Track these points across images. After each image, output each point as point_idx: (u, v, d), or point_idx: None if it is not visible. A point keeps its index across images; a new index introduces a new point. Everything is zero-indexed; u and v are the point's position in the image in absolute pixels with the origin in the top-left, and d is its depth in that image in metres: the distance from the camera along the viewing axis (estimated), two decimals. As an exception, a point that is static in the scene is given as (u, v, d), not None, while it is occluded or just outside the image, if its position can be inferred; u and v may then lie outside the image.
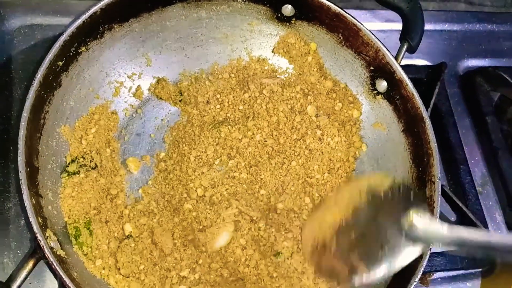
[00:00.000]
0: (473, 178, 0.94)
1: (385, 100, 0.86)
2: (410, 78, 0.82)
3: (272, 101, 0.85)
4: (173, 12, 0.84)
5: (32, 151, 0.70)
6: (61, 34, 0.73)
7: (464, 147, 0.97)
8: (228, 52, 0.90)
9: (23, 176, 0.65)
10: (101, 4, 0.75)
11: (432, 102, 0.92)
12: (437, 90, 0.94)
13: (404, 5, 0.84)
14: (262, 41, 0.90)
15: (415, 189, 0.65)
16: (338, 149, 0.85)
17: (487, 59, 1.10)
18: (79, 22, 0.73)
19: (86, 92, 0.80)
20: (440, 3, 1.20)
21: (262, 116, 0.84)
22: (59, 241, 0.69)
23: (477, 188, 0.94)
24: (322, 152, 0.84)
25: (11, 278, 0.64)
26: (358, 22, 0.83)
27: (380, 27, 1.04)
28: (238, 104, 0.86)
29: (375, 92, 0.87)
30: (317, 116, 0.86)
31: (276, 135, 0.84)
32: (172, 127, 0.85)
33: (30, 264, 0.65)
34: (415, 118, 0.81)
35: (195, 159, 0.81)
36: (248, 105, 0.85)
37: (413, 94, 0.81)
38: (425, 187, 0.78)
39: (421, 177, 0.79)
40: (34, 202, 0.66)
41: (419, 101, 0.80)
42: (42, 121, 0.73)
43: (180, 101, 0.87)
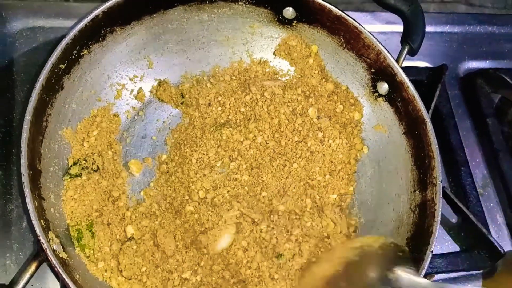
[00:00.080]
0: (474, 180, 0.94)
1: (386, 103, 0.86)
2: (411, 80, 0.82)
3: (274, 104, 0.86)
4: (175, 15, 0.84)
5: (35, 154, 0.70)
6: (64, 37, 0.73)
7: (465, 149, 0.97)
8: (230, 55, 0.90)
9: (26, 179, 0.65)
10: (103, 8, 0.75)
11: (433, 104, 0.92)
12: (438, 92, 0.94)
13: (405, 8, 0.84)
14: (264, 44, 0.90)
15: (404, 249, 0.68)
16: (340, 151, 0.85)
17: (488, 61, 1.10)
18: (82, 25, 0.74)
19: (88, 95, 0.80)
20: (441, 5, 1.20)
21: (264, 118, 0.84)
22: (62, 244, 0.69)
23: (478, 190, 0.94)
24: (324, 154, 0.84)
25: (14, 281, 0.64)
26: (359, 25, 0.83)
27: (381, 29, 1.04)
28: (240, 107, 0.86)
29: (376, 95, 0.87)
30: (319, 118, 0.86)
31: (278, 137, 0.84)
32: (174, 129, 0.86)
33: (33, 267, 0.65)
34: (417, 121, 0.81)
35: (197, 161, 0.81)
36: (250, 108, 0.85)
37: (414, 97, 0.81)
38: (426, 191, 0.78)
39: (423, 180, 0.79)
40: (37, 205, 0.66)
41: (421, 104, 0.80)
42: (45, 124, 0.73)
43: (182, 103, 0.87)
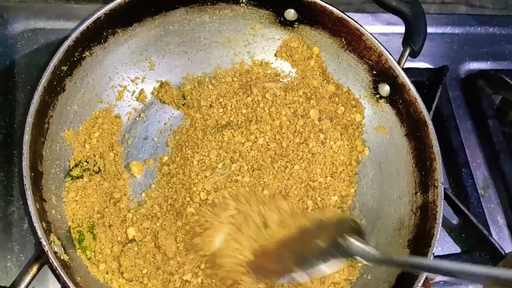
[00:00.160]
0: (475, 181, 0.94)
1: (388, 104, 0.86)
2: (412, 81, 0.82)
3: (275, 105, 0.86)
4: (176, 17, 0.84)
5: (36, 156, 0.70)
6: (66, 39, 0.73)
7: (466, 150, 0.97)
8: (231, 56, 0.90)
9: (28, 181, 0.65)
10: (105, 9, 0.75)
11: (434, 105, 0.92)
12: (439, 94, 0.94)
13: (407, 10, 0.84)
14: (265, 45, 0.90)
15: (358, 223, 0.71)
16: (341, 153, 0.85)
17: (489, 62, 1.10)
18: (83, 27, 0.74)
19: (90, 96, 0.80)
20: (441, 6, 1.20)
21: (265, 120, 0.84)
22: (63, 246, 0.69)
23: (479, 191, 0.94)
24: (325, 156, 0.84)
25: (15, 283, 0.64)
26: (361, 27, 0.83)
27: (382, 30, 1.04)
28: (241, 108, 0.86)
29: (378, 96, 0.87)
30: (320, 120, 0.86)
31: (279, 139, 0.84)
32: (175, 131, 0.86)
33: (34, 269, 0.65)
34: (418, 123, 0.81)
35: (198, 163, 0.81)
36: (251, 109, 0.85)
37: (416, 99, 0.81)
38: (428, 193, 0.78)
39: (424, 182, 0.79)
40: (38, 207, 0.66)
41: (422, 106, 0.80)
42: (46, 126, 0.73)
43: (183, 105, 0.87)
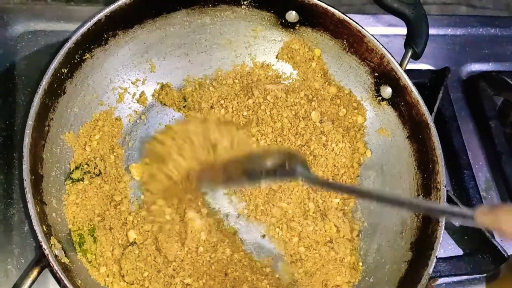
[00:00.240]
0: (477, 183, 0.94)
1: (390, 106, 0.86)
2: (414, 83, 0.82)
3: (276, 107, 0.85)
4: (177, 19, 0.84)
5: (37, 159, 0.70)
6: (66, 42, 0.73)
7: (468, 152, 0.96)
8: (232, 58, 0.90)
9: (28, 184, 0.65)
10: (106, 12, 0.75)
11: (436, 107, 0.91)
12: (441, 95, 0.94)
13: (409, 12, 0.84)
14: (266, 47, 0.90)
15: (305, 160, 0.79)
16: (343, 155, 0.84)
17: (490, 64, 1.09)
18: (84, 30, 0.73)
19: (90, 99, 0.80)
20: (442, 7, 1.20)
21: (266, 122, 0.84)
22: (63, 249, 0.69)
23: (481, 193, 0.94)
24: (327, 158, 0.84)
25: (16, 287, 0.64)
26: (363, 29, 0.83)
27: (383, 32, 1.03)
28: (242, 110, 0.85)
29: (380, 98, 0.87)
30: (321, 122, 0.86)
31: (280, 141, 0.84)
32: (176, 133, 0.85)
33: (35, 273, 0.65)
34: (420, 125, 0.81)
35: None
36: (252, 111, 0.85)
37: (418, 101, 0.80)
38: (430, 195, 0.78)
39: (426, 184, 0.79)
40: (39, 210, 0.66)
41: (424, 108, 0.80)
42: (47, 129, 0.73)
43: (184, 107, 0.87)
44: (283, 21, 0.87)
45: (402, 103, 0.83)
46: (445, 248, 0.88)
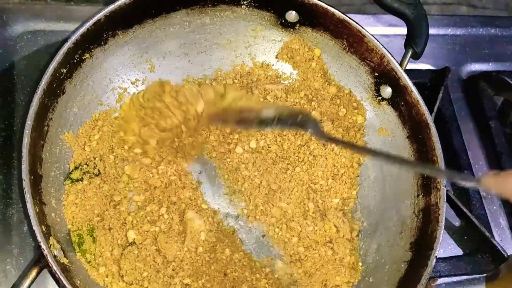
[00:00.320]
0: (477, 183, 0.94)
1: (390, 106, 0.86)
2: (414, 83, 0.82)
3: (276, 107, 0.85)
4: (177, 19, 0.84)
5: (36, 159, 0.70)
6: (65, 42, 0.72)
7: (468, 152, 0.96)
8: (232, 58, 0.89)
9: (27, 185, 0.65)
10: (105, 11, 0.75)
11: (436, 107, 0.91)
12: (441, 95, 0.93)
13: (409, 11, 0.84)
14: (266, 47, 0.90)
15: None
16: (342, 155, 0.84)
17: (491, 64, 1.09)
18: (83, 30, 0.73)
19: (90, 99, 0.80)
20: (442, 7, 1.20)
21: (266, 122, 0.84)
22: (62, 249, 0.69)
23: (481, 193, 0.94)
24: (326, 158, 0.83)
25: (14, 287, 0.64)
26: (363, 29, 0.82)
27: (384, 32, 1.03)
28: (242, 110, 0.85)
29: (380, 98, 0.86)
30: (321, 122, 0.86)
31: (280, 141, 0.84)
32: (176, 133, 0.85)
33: (34, 273, 0.65)
34: (420, 125, 0.81)
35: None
36: (252, 111, 0.85)
37: (418, 101, 0.80)
38: (430, 195, 0.77)
39: (426, 184, 0.79)
40: (38, 210, 0.66)
41: (424, 108, 0.80)
42: (46, 129, 0.73)
43: (184, 107, 0.86)
44: (283, 21, 0.87)
45: (402, 103, 0.83)
46: (445, 248, 0.88)
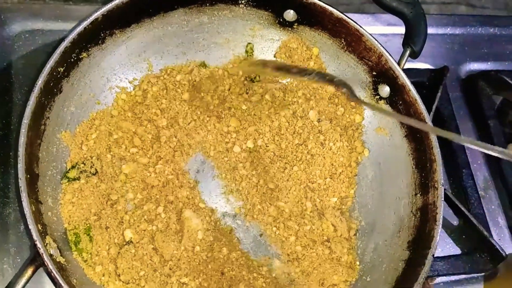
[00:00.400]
0: (476, 182, 0.94)
1: (388, 105, 0.85)
2: (412, 82, 0.82)
3: (274, 106, 0.85)
4: (175, 18, 0.84)
5: (32, 158, 0.70)
6: (62, 41, 0.72)
7: (466, 151, 0.96)
8: (230, 57, 0.89)
9: (23, 184, 0.65)
10: (103, 10, 0.75)
11: (434, 106, 0.91)
12: (439, 94, 0.93)
13: (407, 11, 0.83)
14: (264, 46, 0.90)
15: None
16: (340, 154, 0.84)
17: (489, 63, 1.09)
18: (81, 29, 0.73)
19: (87, 98, 0.80)
20: (441, 6, 1.19)
21: (264, 121, 0.84)
22: (59, 248, 0.69)
23: (480, 192, 0.94)
24: (324, 157, 0.83)
25: (10, 286, 0.64)
26: (361, 28, 0.82)
27: (382, 31, 1.03)
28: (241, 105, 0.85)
29: (378, 97, 0.86)
30: (319, 121, 0.86)
31: (278, 140, 0.84)
32: (173, 132, 0.85)
33: (29, 272, 0.65)
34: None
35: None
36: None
37: (416, 100, 0.80)
38: (428, 194, 0.77)
39: (424, 183, 0.79)
40: (34, 209, 0.66)
41: (422, 107, 0.80)
42: (43, 127, 0.72)
43: (182, 106, 0.86)
44: (281, 20, 0.87)
45: (400, 102, 0.83)
46: (443, 247, 0.88)
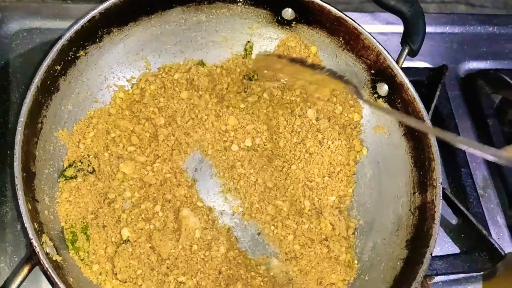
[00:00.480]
0: (475, 181, 0.93)
1: (386, 104, 0.85)
2: (411, 81, 0.81)
3: (272, 105, 0.85)
4: (173, 16, 0.83)
5: (29, 156, 0.70)
6: (59, 39, 0.72)
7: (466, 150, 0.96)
8: (228, 56, 0.89)
9: (19, 182, 0.65)
10: (100, 9, 0.75)
11: (433, 105, 0.91)
12: (438, 93, 0.93)
13: (406, 9, 0.83)
14: (262, 45, 0.90)
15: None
16: (339, 153, 0.84)
17: (488, 62, 1.09)
18: (78, 27, 0.73)
19: (85, 96, 0.80)
20: (441, 5, 1.19)
21: (262, 120, 0.84)
22: (55, 246, 0.69)
23: (479, 191, 0.94)
24: (322, 156, 0.83)
25: (5, 285, 0.64)
26: (359, 26, 0.82)
27: (381, 30, 1.03)
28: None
29: (376, 96, 0.86)
30: (318, 120, 0.85)
31: (276, 139, 0.84)
32: (171, 131, 0.85)
33: (25, 270, 0.65)
34: (416, 122, 0.80)
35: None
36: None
37: (415, 98, 0.80)
38: (426, 193, 0.77)
39: (423, 181, 0.79)
40: (30, 208, 0.66)
41: (421, 105, 0.80)
42: (40, 126, 0.72)
43: (179, 105, 0.86)
44: (279, 19, 0.87)
45: (399, 101, 0.83)
46: (442, 246, 0.88)
